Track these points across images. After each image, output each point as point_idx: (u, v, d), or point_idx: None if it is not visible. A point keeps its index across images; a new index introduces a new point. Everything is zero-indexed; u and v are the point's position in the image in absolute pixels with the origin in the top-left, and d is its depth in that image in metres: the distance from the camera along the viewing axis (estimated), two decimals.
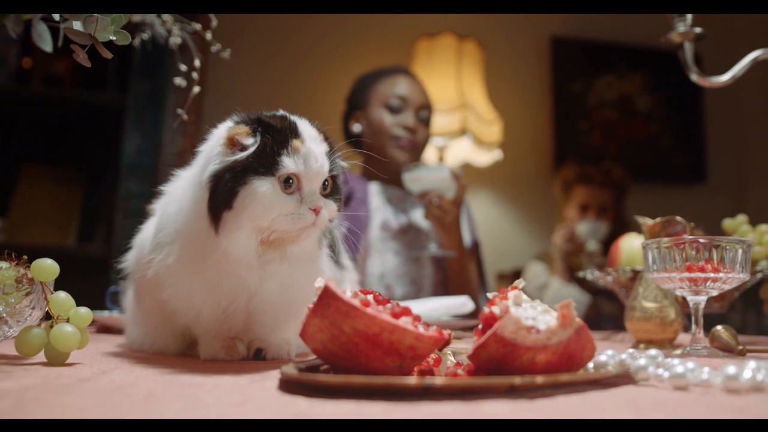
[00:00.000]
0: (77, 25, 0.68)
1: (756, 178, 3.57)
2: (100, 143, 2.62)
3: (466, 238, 1.99)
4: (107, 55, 0.69)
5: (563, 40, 3.44)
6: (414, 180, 1.77)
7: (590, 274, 1.25)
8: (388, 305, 0.56)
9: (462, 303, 1.33)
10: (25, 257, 0.69)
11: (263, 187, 0.70)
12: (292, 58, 3.08)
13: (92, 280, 2.38)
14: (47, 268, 0.67)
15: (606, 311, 2.52)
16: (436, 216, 1.78)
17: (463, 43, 2.93)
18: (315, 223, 0.72)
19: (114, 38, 0.72)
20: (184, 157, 2.55)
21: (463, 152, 2.96)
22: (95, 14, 0.67)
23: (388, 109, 1.95)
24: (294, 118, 0.77)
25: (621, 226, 2.74)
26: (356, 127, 1.99)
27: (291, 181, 0.72)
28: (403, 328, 0.53)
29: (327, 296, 0.53)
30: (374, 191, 1.96)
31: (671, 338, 1.03)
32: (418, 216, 1.95)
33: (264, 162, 0.71)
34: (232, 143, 0.72)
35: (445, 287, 1.92)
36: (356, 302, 0.53)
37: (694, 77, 1.12)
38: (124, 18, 0.74)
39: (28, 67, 2.58)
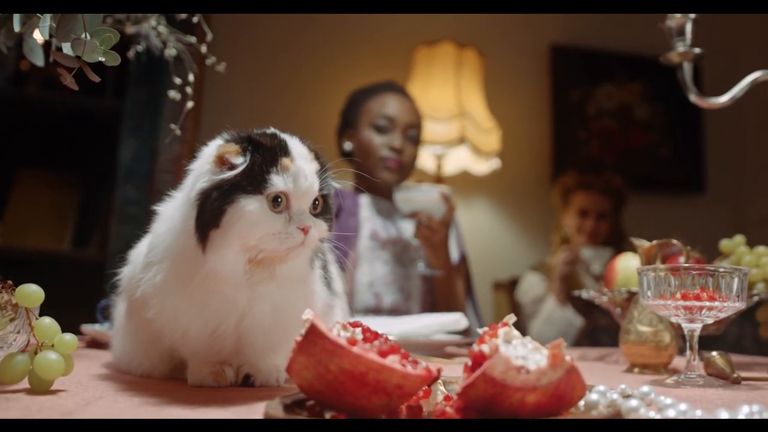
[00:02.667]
0: (66, 47, 0.67)
1: (754, 189, 3.57)
2: (97, 149, 2.61)
3: (454, 255, 2.02)
4: (95, 78, 0.68)
5: (563, 49, 3.43)
6: (405, 200, 1.82)
7: (586, 294, 1.24)
8: (376, 342, 0.55)
9: (456, 320, 1.32)
10: (10, 282, 0.68)
11: (251, 206, 0.69)
12: (290, 65, 3.07)
13: (86, 285, 2.37)
14: (32, 294, 0.66)
15: (601, 323, 2.51)
16: (425, 236, 1.83)
17: (462, 51, 2.93)
18: (304, 242, 0.71)
19: (103, 59, 0.71)
20: (180, 164, 2.54)
21: (461, 160, 2.96)
22: (83, 37, 0.66)
23: (376, 129, 1.98)
24: (285, 136, 0.76)
25: (618, 236, 2.74)
26: (347, 146, 2.04)
27: (280, 199, 0.71)
28: (390, 367, 0.52)
29: (313, 334, 0.52)
30: (364, 203, 2.00)
31: (666, 363, 1.02)
32: (406, 228, 1.99)
33: (252, 180, 0.70)
34: (222, 162, 0.71)
35: (432, 297, 1.95)
36: (342, 341, 0.52)
37: (693, 98, 1.11)
38: (114, 38, 0.73)
39: (26, 69, 2.57)
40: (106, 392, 0.67)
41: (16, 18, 0.73)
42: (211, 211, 0.69)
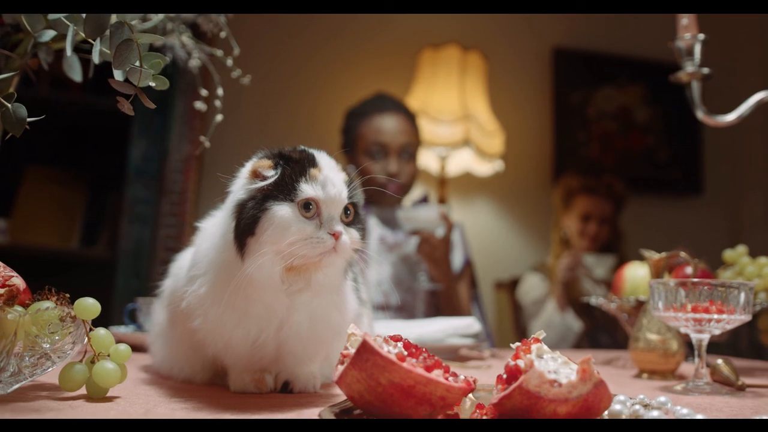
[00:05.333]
0: (118, 75, 0.71)
1: (750, 191, 3.63)
2: (105, 148, 2.64)
3: (458, 260, 2.09)
4: (150, 105, 0.72)
5: (565, 51, 3.48)
6: (407, 219, 1.95)
7: (594, 300, 1.29)
8: (421, 357, 0.60)
9: (469, 324, 1.37)
10: (67, 295, 0.72)
11: (282, 211, 0.73)
12: (296, 67, 3.10)
13: (95, 284, 2.40)
14: (89, 307, 0.70)
15: (600, 323, 2.57)
16: (426, 252, 1.93)
17: (467, 54, 2.97)
18: (335, 248, 0.75)
19: (153, 84, 0.75)
20: (190, 164, 2.58)
21: (464, 162, 3.00)
22: (138, 66, 0.70)
23: (371, 156, 2.07)
24: (313, 150, 0.81)
25: (617, 238, 2.80)
26: (350, 169, 2.10)
27: (311, 206, 0.75)
28: (436, 381, 0.57)
29: (365, 351, 0.57)
30: (372, 214, 2.10)
31: (673, 369, 1.07)
32: (409, 238, 2.08)
33: (284, 189, 0.75)
34: (255, 175, 0.76)
35: (436, 300, 2.05)
36: (392, 357, 0.56)
37: (701, 116, 1.16)
38: (162, 63, 0.77)
39: (34, 68, 2.59)
40: (159, 400, 0.72)
41: (69, 41, 0.77)
42: (246, 220, 0.74)
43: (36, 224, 2.68)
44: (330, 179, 0.77)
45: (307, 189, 0.75)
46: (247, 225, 0.74)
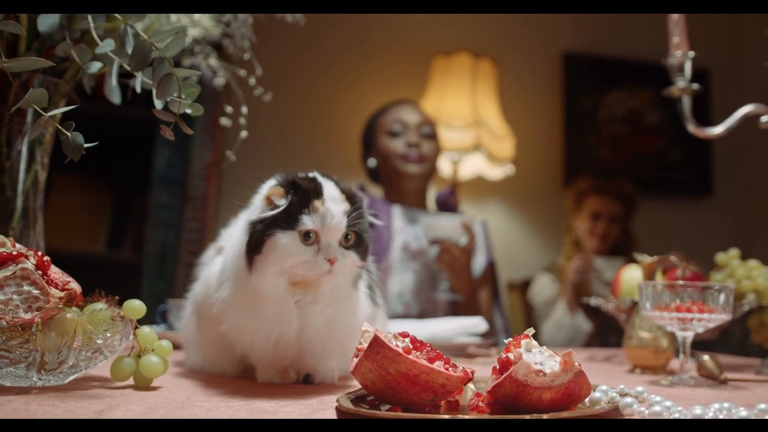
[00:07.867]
0: (158, 104, 0.81)
1: (760, 193, 3.67)
2: (131, 156, 2.76)
3: (481, 261, 2.15)
4: (189, 131, 0.82)
5: (575, 56, 3.55)
6: (429, 227, 2.00)
7: (594, 301, 1.38)
8: (425, 350, 0.69)
9: (475, 324, 1.46)
10: (116, 297, 0.82)
11: (284, 239, 0.84)
12: (310, 75, 3.20)
13: (121, 286, 2.50)
14: (136, 308, 0.81)
15: (609, 322, 2.64)
16: (446, 262, 1.99)
17: (478, 61, 3.05)
18: (330, 270, 0.85)
19: (190, 111, 0.85)
20: (211, 171, 2.70)
21: (476, 166, 3.09)
22: (177, 97, 0.80)
23: (392, 134, 2.19)
24: (322, 180, 0.90)
25: (629, 241, 2.87)
26: (371, 162, 2.23)
27: (310, 235, 0.85)
28: (437, 370, 0.66)
29: (377, 344, 0.66)
30: (397, 214, 2.14)
31: (664, 364, 1.16)
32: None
33: (288, 218, 0.85)
34: (269, 201, 0.87)
35: (457, 308, 2.10)
36: (400, 350, 0.66)
37: (691, 128, 1.24)
38: (196, 91, 0.87)
39: None
40: (197, 389, 0.82)
41: (114, 73, 0.87)
42: (254, 240, 0.85)
43: (64, 228, 2.80)
44: (330, 212, 0.86)
45: (307, 221, 0.84)
46: (254, 244, 0.85)
